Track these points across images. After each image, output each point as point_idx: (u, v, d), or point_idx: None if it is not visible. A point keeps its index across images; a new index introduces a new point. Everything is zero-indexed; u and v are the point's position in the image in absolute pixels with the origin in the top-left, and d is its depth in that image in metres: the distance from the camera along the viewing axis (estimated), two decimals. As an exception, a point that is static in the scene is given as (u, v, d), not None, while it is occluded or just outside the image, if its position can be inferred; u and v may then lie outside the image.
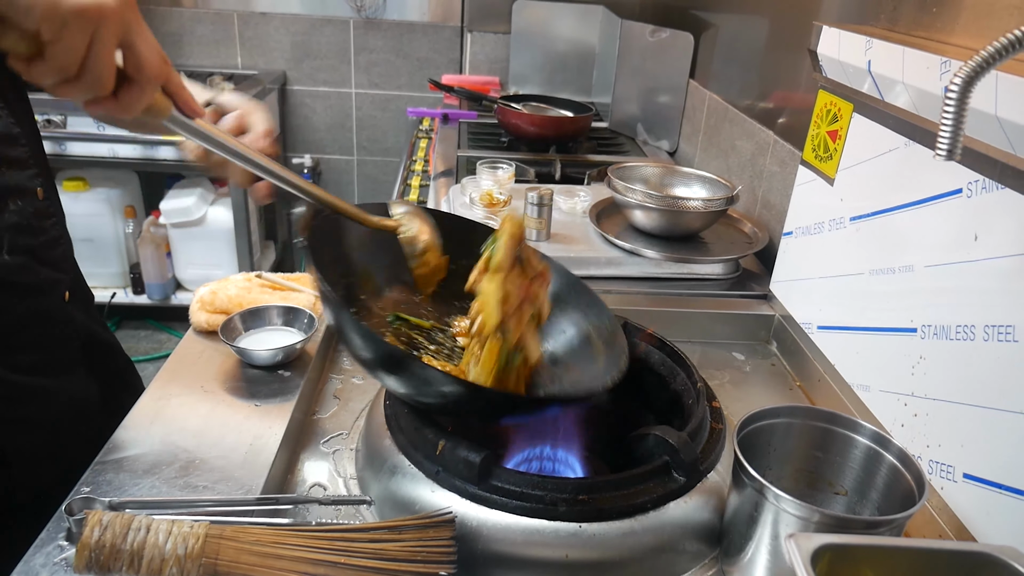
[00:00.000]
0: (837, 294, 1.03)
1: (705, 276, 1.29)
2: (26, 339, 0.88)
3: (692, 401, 0.82)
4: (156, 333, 3.29)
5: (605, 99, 2.32)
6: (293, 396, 0.91)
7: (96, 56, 0.53)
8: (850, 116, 1.00)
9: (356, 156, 3.49)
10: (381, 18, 3.23)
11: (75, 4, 0.50)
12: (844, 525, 0.62)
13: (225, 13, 3.19)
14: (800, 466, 0.77)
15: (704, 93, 1.87)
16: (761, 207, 1.44)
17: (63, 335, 0.94)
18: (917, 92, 0.82)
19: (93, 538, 0.58)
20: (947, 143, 0.56)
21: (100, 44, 0.52)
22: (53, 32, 0.50)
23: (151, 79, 0.57)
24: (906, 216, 0.88)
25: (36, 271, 0.88)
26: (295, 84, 3.33)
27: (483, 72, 2.90)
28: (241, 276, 1.11)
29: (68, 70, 0.52)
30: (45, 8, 0.50)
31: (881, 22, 1.03)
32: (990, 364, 0.73)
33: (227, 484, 0.76)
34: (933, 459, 0.80)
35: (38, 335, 0.90)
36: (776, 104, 1.44)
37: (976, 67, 0.54)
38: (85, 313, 1.01)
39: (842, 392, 0.99)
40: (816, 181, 1.09)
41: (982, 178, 0.75)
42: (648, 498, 0.71)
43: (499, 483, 0.70)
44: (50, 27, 0.50)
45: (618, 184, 1.32)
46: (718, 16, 1.87)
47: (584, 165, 1.90)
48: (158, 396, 0.90)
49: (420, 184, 1.86)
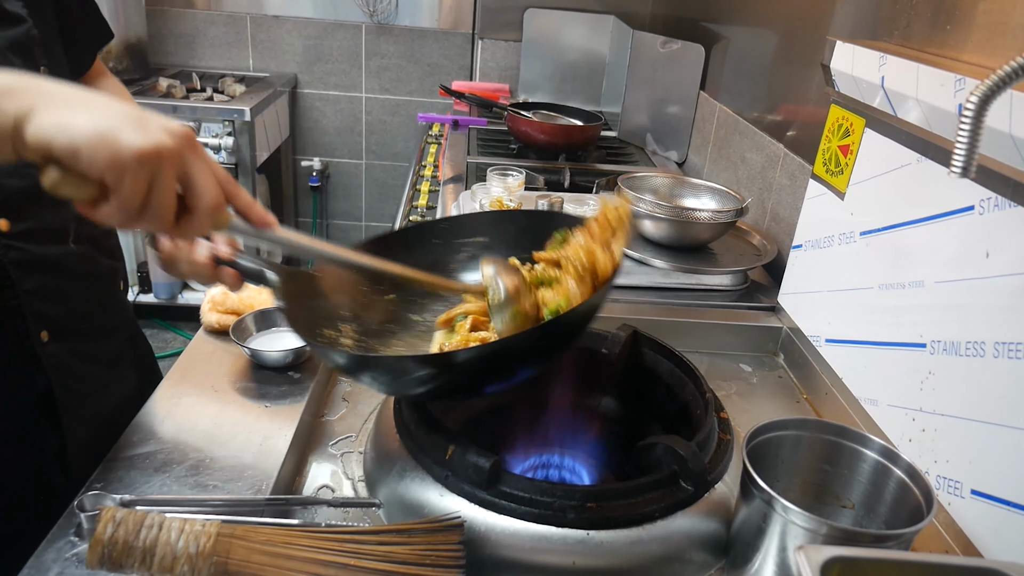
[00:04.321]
0: (846, 308, 1.03)
1: (713, 287, 1.29)
2: (89, 327, 0.91)
3: (700, 412, 0.83)
4: (162, 332, 3.30)
5: (615, 108, 2.33)
6: (303, 398, 0.92)
7: (157, 195, 0.55)
8: (862, 131, 1.01)
9: (365, 160, 3.50)
10: (393, 24, 3.24)
11: (135, 149, 0.52)
12: (852, 538, 0.62)
13: (238, 15, 3.21)
14: (808, 479, 0.77)
15: (714, 105, 1.88)
16: (770, 219, 1.44)
17: (116, 324, 0.97)
18: (930, 108, 0.82)
19: (106, 534, 0.59)
20: (962, 160, 0.57)
21: (160, 184, 0.54)
22: (116, 178, 0.53)
23: (209, 209, 0.58)
24: (917, 232, 0.88)
25: (98, 260, 0.91)
26: (306, 87, 3.35)
27: (493, 79, 2.91)
28: (252, 277, 1.12)
29: (131, 210, 0.54)
30: (108, 157, 0.52)
31: (894, 38, 1.03)
32: (1000, 381, 0.73)
33: (237, 484, 0.77)
34: (941, 475, 0.80)
35: (98, 324, 0.93)
36: (786, 117, 1.45)
37: (992, 86, 0.55)
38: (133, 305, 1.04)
39: (849, 406, 0.99)
40: (826, 195, 1.09)
41: (995, 195, 0.76)
42: (656, 507, 0.71)
43: (508, 489, 0.70)
44: (113, 174, 0.52)
45: (628, 194, 1.33)
46: (729, 28, 1.88)
47: (593, 174, 1.91)
48: (169, 395, 0.90)
49: (430, 190, 1.87)
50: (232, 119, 2.77)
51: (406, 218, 1.76)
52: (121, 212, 0.54)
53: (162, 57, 3.24)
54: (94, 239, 0.90)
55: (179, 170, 0.56)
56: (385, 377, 0.74)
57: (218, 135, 2.80)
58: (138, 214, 0.55)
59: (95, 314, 0.92)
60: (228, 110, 2.76)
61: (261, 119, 2.88)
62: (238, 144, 2.80)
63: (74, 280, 0.88)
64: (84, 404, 0.90)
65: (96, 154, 0.51)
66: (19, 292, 0.80)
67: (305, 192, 3.52)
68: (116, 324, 0.97)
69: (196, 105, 2.78)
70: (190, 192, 0.58)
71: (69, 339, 0.87)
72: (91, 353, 0.91)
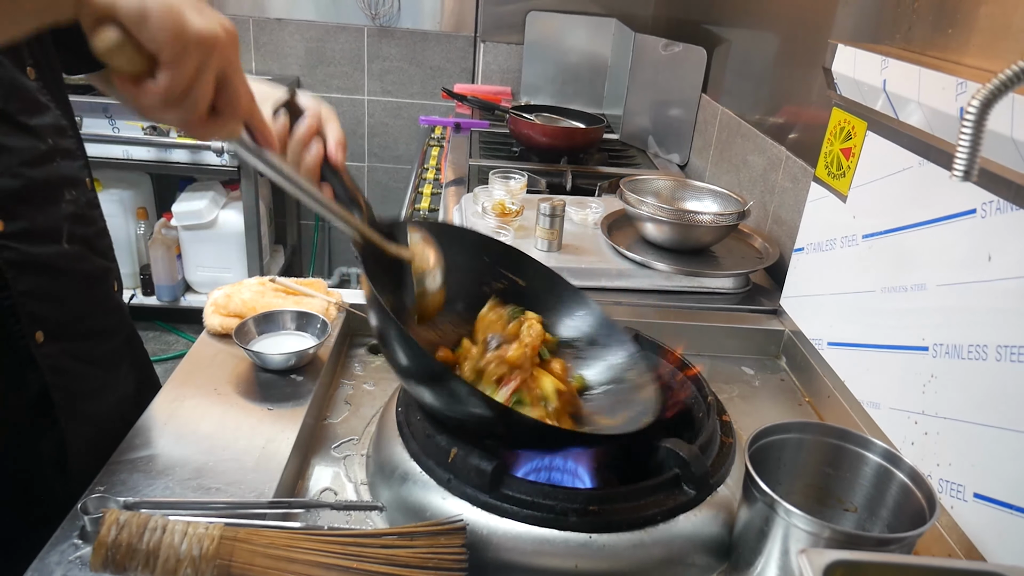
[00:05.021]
0: (848, 311, 1.03)
1: (715, 290, 1.29)
2: (84, 329, 0.90)
3: (703, 415, 0.83)
4: (165, 335, 3.30)
5: (617, 111, 2.33)
6: (305, 401, 0.92)
7: (201, 84, 0.55)
8: (864, 134, 1.01)
9: (367, 163, 3.51)
10: (395, 26, 3.25)
11: (199, 30, 0.53)
12: (855, 542, 0.62)
13: (241, 18, 3.22)
14: (810, 482, 0.77)
15: (716, 107, 1.88)
16: (772, 222, 1.44)
17: (112, 326, 0.96)
18: (932, 112, 0.82)
19: (110, 537, 0.59)
20: (964, 164, 0.57)
21: (207, 73, 0.55)
22: (174, 56, 0.53)
23: (238, 115, 0.59)
24: (919, 235, 0.88)
25: (91, 260, 0.91)
26: (308, 90, 3.36)
27: (495, 82, 2.92)
28: (255, 280, 1.12)
29: (175, 92, 0.54)
30: (172, 31, 0.52)
31: (896, 41, 1.03)
32: (1002, 384, 0.73)
33: (239, 487, 0.77)
34: (943, 478, 0.80)
35: (93, 325, 0.92)
36: (788, 120, 1.45)
37: (994, 89, 0.55)
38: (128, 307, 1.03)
39: (851, 409, 0.99)
40: (828, 198, 1.09)
41: (997, 199, 0.76)
42: (658, 510, 0.71)
43: (510, 492, 0.71)
44: (172, 50, 0.52)
45: (630, 196, 1.33)
46: (731, 31, 1.88)
47: (595, 176, 1.91)
48: (172, 398, 0.90)
49: (432, 192, 1.87)
50: (235, 122, 2.77)
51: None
52: (166, 92, 0.54)
53: (165, 60, 3.25)
54: (87, 240, 0.89)
55: (223, 68, 0.56)
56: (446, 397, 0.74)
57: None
58: (178, 99, 0.55)
59: (90, 315, 0.92)
60: (231, 113, 2.76)
61: (264, 122, 2.88)
62: (241, 147, 2.81)
63: (68, 281, 0.87)
64: (82, 405, 0.90)
65: (164, 25, 0.51)
66: (13, 293, 0.80)
67: (307, 195, 3.52)
68: (112, 325, 0.96)
69: (199, 108, 2.79)
70: (227, 94, 0.58)
71: (64, 340, 0.87)
72: (87, 354, 0.91)
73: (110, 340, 0.96)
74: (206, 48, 0.54)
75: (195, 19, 0.53)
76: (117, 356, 0.98)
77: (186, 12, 0.53)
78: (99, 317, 0.93)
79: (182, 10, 0.52)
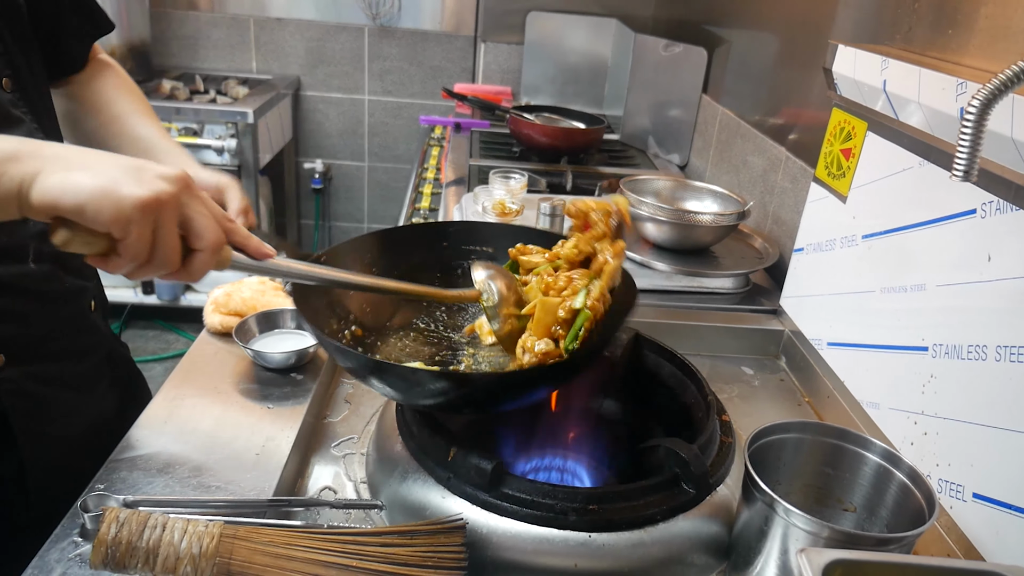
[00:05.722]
0: (848, 311, 1.03)
1: (715, 290, 1.29)
2: (53, 349, 0.88)
3: (702, 414, 0.83)
4: (164, 333, 3.30)
5: (617, 111, 2.33)
6: (305, 399, 0.92)
7: (161, 242, 0.58)
8: (864, 134, 1.01)
9: (367, 162, 3.51)
10: (395, 26, 3.25)
11: (136, 200, 0.55)
12: (854, 541, 0.62)
13: (241, 18, 3.22)
14: (809, 482, 0.78)
15: (716, 108, 1.88)
16: (772, 223, 1.44)
17: (88, 346, 0.94)
18: (932, 112, 0.82)
19: (110, 534, 0.59)
20: (964, 164, 0.57)
21: (163, 230, 0.57)
22: (121, 229, 0.55)
23: (211, 247, 0.61)
24: (919, 235, 0.89)
25: (62, 279, 0.88)
26: (309, 89, 3.36)
27: (495, 82, 2.92)
28: (255, 279, 1.12)
29: (140, 259, 0.57)
30: (111, 210, 0.54)
31: (896, 42, 1.04)
32: (1002, 384, 0.74)
33: (239, 485, 0.77)
34: (943, 478, 0.80)
35: (65, 346, 0.90)
36: (788, 120, 1.45)
37: (994, 90, 0.55)
38: (106, 323, 1.01)
39: (851, 409, 0.99)
40: (828, 198, 1.09)
41: (997, 199, 0.76)
42: (658, 510, 0.71)
43: (510, 491, 0.71)
44: (118, 226, 0.55)
45: (630, 196, 1.33)
46: (731, 32, 1.88)
47: (595, 176, 1.91)
48: (172, 396, 0.90)
49: (432, 192, 1.87)
50: (235, 121, 2.78)
51: (408, 220, 1.76)
52: (130, 261, 0.57)
53: (165, 59, 3.25)
54: (58, 258, 0.87)
55: (179, 215, 0.59)
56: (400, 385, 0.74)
57: (221, 137, 2.80)
58: (147, 262, 0.58)
59: (60, 336, 0.89)
60: (231, 112, 2.77)
61: (264, 121, 2.88)
62: (241, 146, 2.81)
63: (34, 301, 0.85)
64: (49, 428, 0.87)
65: (101, 208, 0.54)
66: None
67: (307, 194, 3.52)
68: (86, 346, 0.93)
69: (199, 107, 2.79)
70: (192, 234, 0.60)
71: (28, 362, 0.84)
72: (55, 376, 0.88)
73: (84, 361, 0.93)
74: (151, 211, 0.56)
75: (131, 189, 0.55)
76: (92, 377, 0.95)
77: (121, 187, 0.55)
78: (70, 338, 0.91)
79: (116, 187, 0.54)
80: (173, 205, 0.57)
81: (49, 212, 0.55)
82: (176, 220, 0.58)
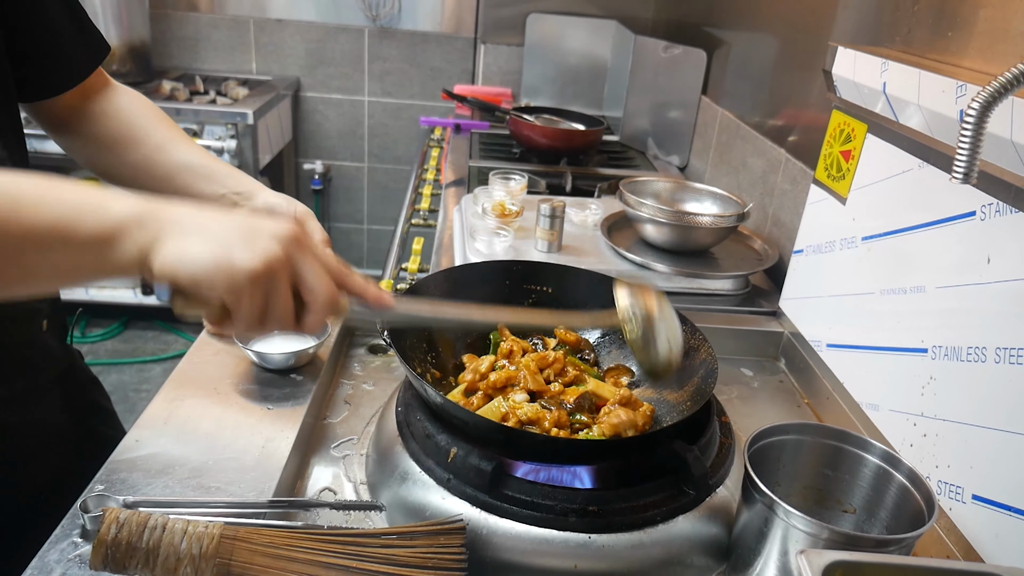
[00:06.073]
0: (847, 313, 1.03)
1: (715, 291, 1.29)
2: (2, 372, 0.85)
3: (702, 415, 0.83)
4: (164, 334, 3.30)
5: (616, 113, 2.33)
6: (305, 400, 0.92)
7: (274, 305, 0.58)
8: (864, 136, 1.01)
9: (367, 163, 3.51)
10: (395, 27, 3.25)
11: (248, 271, 0.55)
12: (854, 543, 0.62)
13: (241, 19, 3.22)
14: (809, 483, 0.78)
15: (716, 110, 1.88)
16: (771, 224, 1.45)
17: (39, 366, 0.91)
18: (932, 115, 0.83)
19: (110, 535, 0.59)
20: (963, 167, 0.57)
21: (276, 294, 0.58)
22: (234, 300, 0.57)
23: (325, 305, 0.61)
24: (919, 237, 0.89)
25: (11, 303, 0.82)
26: (308, 91, 3.36)
27: (495, 83, 2.92)
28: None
29: (253, 322, 0.58)
30: (225, 283, 0.55)
31: (896, 44, 1.04)
32: (1001, 386, 0.74)
33: (239, 486, 0.77)
34: (942, 479, 0.80)
35: (12, 368, 0.87)
36: (787, 122, 1.45)
37: (994, 92, 0.55)
38: (61, 341, 0.98)
39: (850, 410, 0.99)
40: (828, 200, 1.09)
41: (996, 201, 0.76)
42: (657, 511, 0.71)
43: (510, 492, 0.71)
44: (231, 297, 0.56)
45: (630, 198, 1.33)
46: (731, 34, 1.89)
47: (595, 178, 1.91)
48: (172, 397, 0.90)
49: (432, 193, 1.88)
50: (235, 122, 2.78)
51: (408, 221, 1.76)
52: (245, 325, 0.58)
53: (165, 60, 3.25)
54: None
55: (292, 275, 0.59)
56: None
57: (221, 138, 2.80)
58: (260, 323, 0.59)
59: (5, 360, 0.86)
60: (231, 113, 2.77)
61: (264, 122, 2.89)
62: (241, 147, 2.81)
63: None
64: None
65: (215, 283, 0.55)
66: None
67: (307, 195, 3.52)
68: (38, 365, 0.90)
69: (199, 108, 2.79)
70: (305, 292, 0.60)
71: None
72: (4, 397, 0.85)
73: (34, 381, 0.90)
74: (263, 279, 0.56)
75: (243, 258, 0.55)
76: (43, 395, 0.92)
77: (234, 257, 0.55)
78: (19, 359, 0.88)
79: (229, 258, 0.55)
80: (285, 269, 0.58)
81: (169, 282, 0.56)
82: (289, 282, 0.59)
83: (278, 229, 0.58)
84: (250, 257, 0.56)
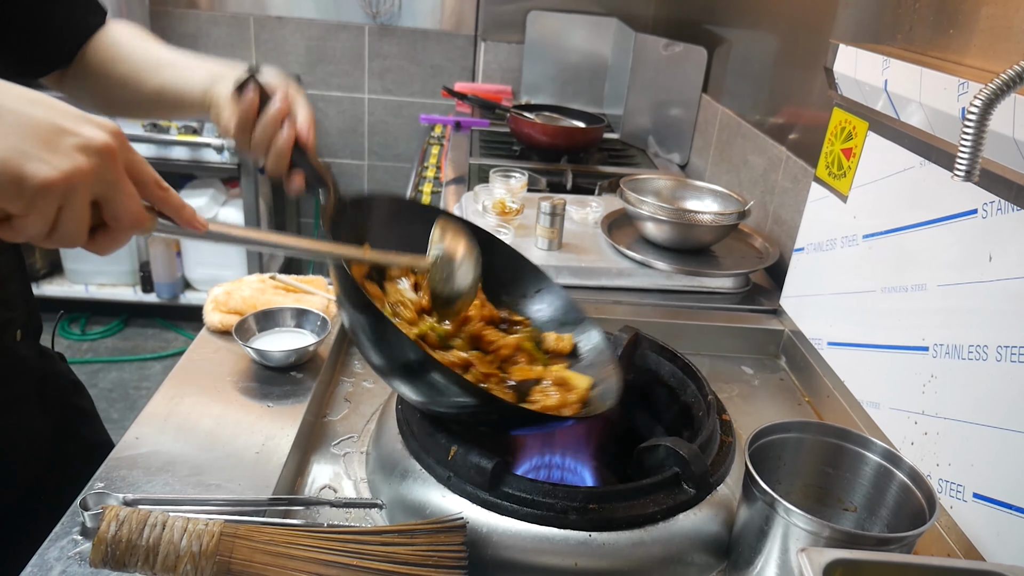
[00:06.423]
0: (848, 311, 1.03)
1: (715, 289, 1.29)
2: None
3: (702, 413, 0.83)
4: (164, 332, 3.30)
5: (617, 111, 2.33)
6: (305, 398, 0.92)
7: (65, 222, 0.51)
8: (865, 134, 1.01)
9: (367, 161, 3.51)
10: (395, 25, 3.25)
11: (40, 181, 0.48)
12: (855, 541, 0.62)
13: (241, 16, 3.22)
14: (810, 481, 0.78)
15: (716, 107, 1.88)
16: (772, 222, 1.44)
17: (12, 375, 0.90)
18: (934, 112, 0.82)
19: (110, 533, 0.59)
20: (966, 164, 0.57)
21: (70, 211, 0.50)
22: (20, 210, 0.49)
23: (126, 228, 0.54)
24: (920, 235, 0.88)
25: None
26: (309, 88, 3.35)
27: (496, 81, 2.91)
28: (255, 277, 1.12)
29: (37, 235, 0.51)
30: (10, 190, 0.48)
31: (897, 41, 1.03)
32: (1002, 384, 0.74)
33: (239, 484, 0.77)
34: (943, 478, 0.80)
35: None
36: (788, 120, 1.45)
37: (996, 90, 0.55)
38: (38, 348, 0.96)
39: (851, 409, 0.99)
40: (829, 198, 1.09)
41: (998, 199, 0.76)
42: (658, 509, 0.71)
43: (510, 490, 0.71)
44: (17, 207, 0.49)
45: (630, 196, 1.33)
46: (732, 31, 1.88)
47: (595, 176, 1.91)
48: (171, 395, 0.90)
49: (432, 191, 1.87)
50: (235, 119, 2.77)
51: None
52: (27, 236, 0.51)
53: (165, 57, 3.24)
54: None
55: (96, 193, 0.51)
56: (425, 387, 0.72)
57: (221, 135, 2.80)
58: (46, 238, 0.51)
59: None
60: (231, 110, 2.76)
61: (264, 120, 2.88)
62: (241, 144, 2.80)
63: None
64: None
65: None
66: None
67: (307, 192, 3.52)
68: (11, 374, 0.89)
69: (199, 105, 2.79)
70: (107, 214, 0.53)
71: None
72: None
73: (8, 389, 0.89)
74: (57, 192, 0.49)
75: (37, 168, 0.47)
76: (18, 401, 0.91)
77: (27, 163, 0.47)
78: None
79: (20, 163, 0.47)
80: (87, 185, 0.50)
81: None
82: (88, 199, 0.51)
83: (90, 137, 0.50)
84: (47, 169, 0.48)
